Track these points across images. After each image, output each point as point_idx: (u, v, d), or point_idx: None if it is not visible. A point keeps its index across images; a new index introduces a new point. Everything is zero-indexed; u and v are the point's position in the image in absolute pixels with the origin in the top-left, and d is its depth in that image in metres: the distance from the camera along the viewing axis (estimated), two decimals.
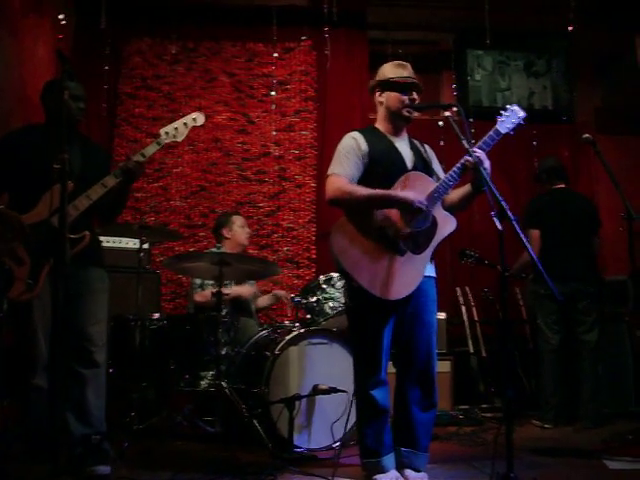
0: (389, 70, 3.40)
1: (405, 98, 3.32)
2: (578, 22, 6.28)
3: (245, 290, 5.14)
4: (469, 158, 3.11)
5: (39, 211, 3.25)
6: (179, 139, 3.64)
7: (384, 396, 3.25)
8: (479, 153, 3.14)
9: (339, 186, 3.21)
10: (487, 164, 3.15)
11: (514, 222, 2.88)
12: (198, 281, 5.02)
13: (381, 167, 3.27)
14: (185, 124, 3.67)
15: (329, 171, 3.30)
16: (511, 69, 7.13)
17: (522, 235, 2.89)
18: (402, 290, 3.15)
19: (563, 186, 5.43)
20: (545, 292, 5.14)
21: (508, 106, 3.39)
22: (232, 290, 4.97)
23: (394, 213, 3.18)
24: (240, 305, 5.11)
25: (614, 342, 5.57)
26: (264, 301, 5.48)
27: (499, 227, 2.88)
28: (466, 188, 3.33)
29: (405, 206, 3.13)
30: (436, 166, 3.50)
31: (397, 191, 3.17)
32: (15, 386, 3.36)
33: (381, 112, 3.44)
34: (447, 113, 3.26)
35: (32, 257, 3.20)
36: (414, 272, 3.20)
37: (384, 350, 3.23)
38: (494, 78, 7.09)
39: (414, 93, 3.35)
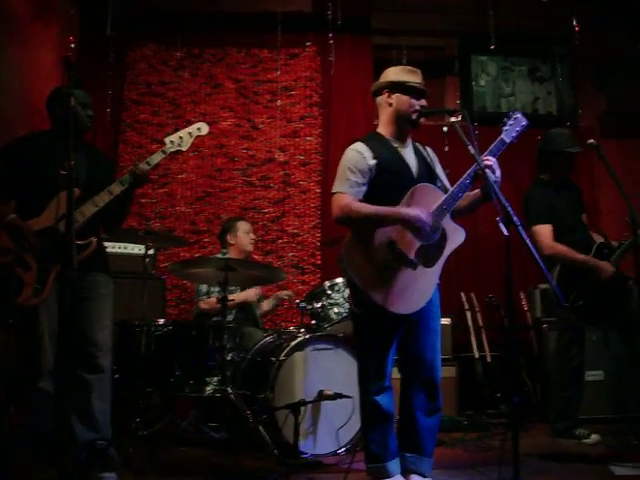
0: (401, 74, 3.36)
1: (416, 103, 3.32)
2: (581, 27, 6.29)
3: (250, 293, 5.12)
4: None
5: (46, 217, 3.27)
6: (184, 148, 3.68)
7: (389, 401, 3.25)
8: (492, 161, 3.13)
9: (344, 204, 3.19)
10: (498, 172, 3.12)
11: (519, 227, 2.88)
12: (204, 288, 5.01)
13: (388, 177, 3.25)
14: (190, 133, 3.72)
15: (333, 189, 3.28)
16: (515, 74, 7.14)
17: (528, 240, 2.89)
18: (416, 304, 3.16)
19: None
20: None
21: (511, 113, 3.38)
22: (238, 296, 4.97)
23: (403, 228, 3.16)
24: (245, 311, 5.11)
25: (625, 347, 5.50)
26: (267, 305, 5.47)
27: (505, 232, 2.87)
28: (476, 194, 3.31)
29: (408, 224, 3.11)
30: (439, 170, 3.48)
31: (402, 208, 3.14)
32: (21, 390, 3.37)
33: (387, 114, 3.38)
34: (453, 118, 3.26)
35: (39, 262, 3.22)
36: (426, 285, 3.20)
37: (390, 357, 3.23)
38: (498, 84, 7.10)
39: (423, 100, 3.35)
